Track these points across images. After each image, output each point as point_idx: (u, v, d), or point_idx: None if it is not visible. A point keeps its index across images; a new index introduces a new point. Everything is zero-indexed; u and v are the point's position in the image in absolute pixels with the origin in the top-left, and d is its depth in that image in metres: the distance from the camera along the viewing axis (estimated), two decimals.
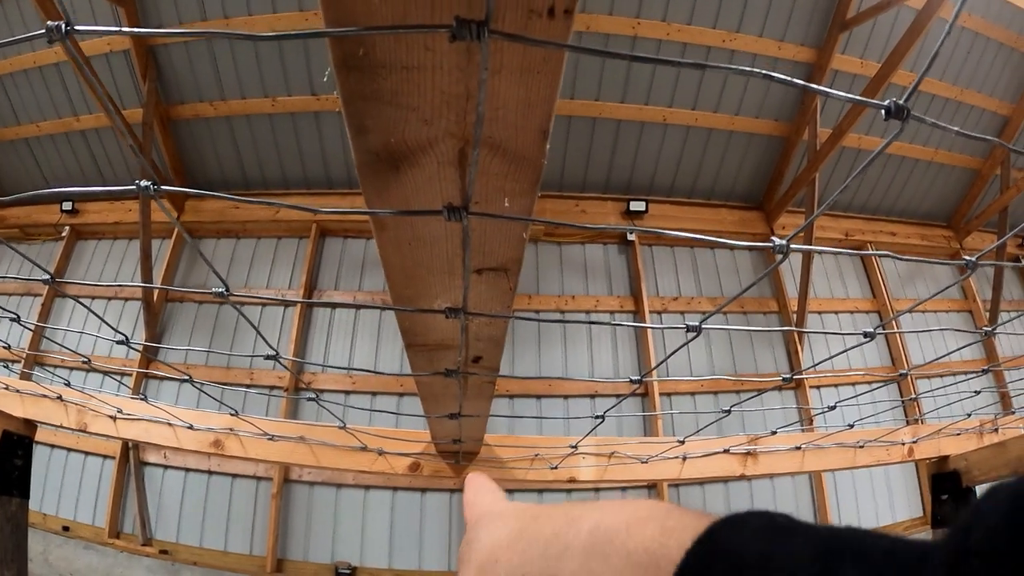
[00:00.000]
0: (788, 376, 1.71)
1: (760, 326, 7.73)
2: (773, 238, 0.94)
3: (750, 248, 1.10)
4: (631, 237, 7.60)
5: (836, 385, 7.24)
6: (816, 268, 7.68)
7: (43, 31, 0.65)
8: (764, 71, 0.61)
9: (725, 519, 0.30)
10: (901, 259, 1.18)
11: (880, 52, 6.81)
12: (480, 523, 0.51)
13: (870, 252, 1.10)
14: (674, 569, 0.29)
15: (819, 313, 7.70)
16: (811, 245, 6.61)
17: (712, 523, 0.30)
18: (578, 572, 0.36)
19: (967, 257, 1.18)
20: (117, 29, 0.64)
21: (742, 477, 3.08)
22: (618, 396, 6.77)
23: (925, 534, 6.91)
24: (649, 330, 7.06)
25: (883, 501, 6.96)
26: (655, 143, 7.45)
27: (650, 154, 7.54)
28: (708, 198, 7.99)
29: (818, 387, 7.23)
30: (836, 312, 7.85)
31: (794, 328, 7.18)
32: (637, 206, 7.56)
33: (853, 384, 7.17)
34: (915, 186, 8.39)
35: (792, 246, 0.94)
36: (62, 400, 2.91)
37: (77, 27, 0.65)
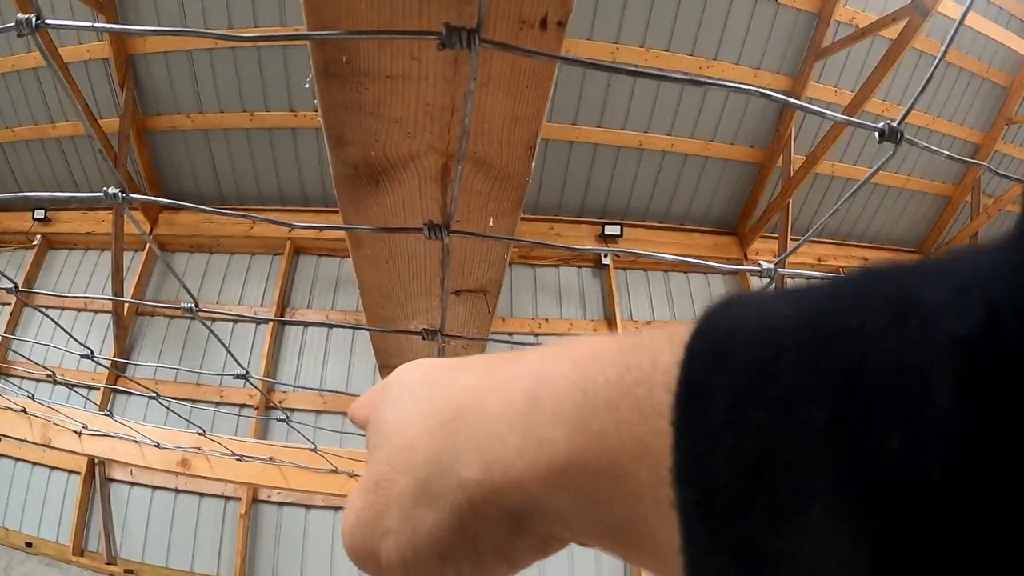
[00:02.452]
0: None
1: None
2: (761, 262, 0.93)
3: (736, 272, 1.09)
4: (605, 260, 7.62)
5: None
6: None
7: (12, 24, 0.62)
8: (761, 89, 0.59)
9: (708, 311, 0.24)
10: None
11: (854, 81, 6.91)
12: (384, 402, 0.41)
13: None
14: (673, 387, 0.23)
15: None
16: (790, 270, 6.66)
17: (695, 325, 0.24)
18: (524, 442, 0.29)
19: None
20: (90, 25, 0.62)
21: None
22: None
23: None
24: None
25: None
26: (631, 167, 7.48)
27: (626, 178, 7.58)
28: (682, 222, 8.03)
29: None
30: None
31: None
32: (612, 230, 7.58)
33: None
34: (887, 212, 8.49)
35: (779, 271, 0.93)
36: (26, 413, 2.84)
37: (48, 21, 0.62)
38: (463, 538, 0.32)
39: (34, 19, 0.63)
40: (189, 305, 1.13)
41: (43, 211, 7.62)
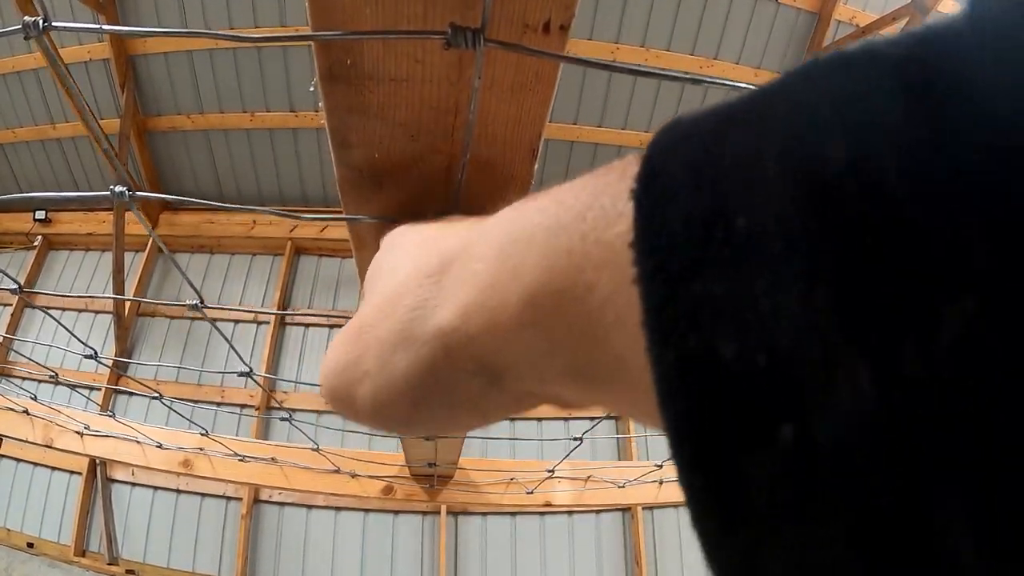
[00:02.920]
0: None
1: None
2: None
3: None
4: None
5: None
6: None
7: (19, 27, 0.62)
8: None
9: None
10: None
11: None
12: (380, 256, 0.42)
13: None
14: (631, 188, 0.22)
15: None
16: None
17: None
18: (497, 276, 0.27)
19: None
20: (96, 27, 0.62)
21: None
22: (593, 419, 6.76)
23: None
24: None
25: None
26: None
27: None
28: None
29: None
30: None
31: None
32: None
33: None
34: None
35: None
36: (28, 414, 2.85)
37: (55, 23, 0.63)
38: (436, 387, 0.32)
39: (41, 22, 0.63)
40: (195, 302, 1.14)
41: (44, 212, 7.62)
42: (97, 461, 6.28)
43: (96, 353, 1.65)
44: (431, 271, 0.33)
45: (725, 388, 0.18)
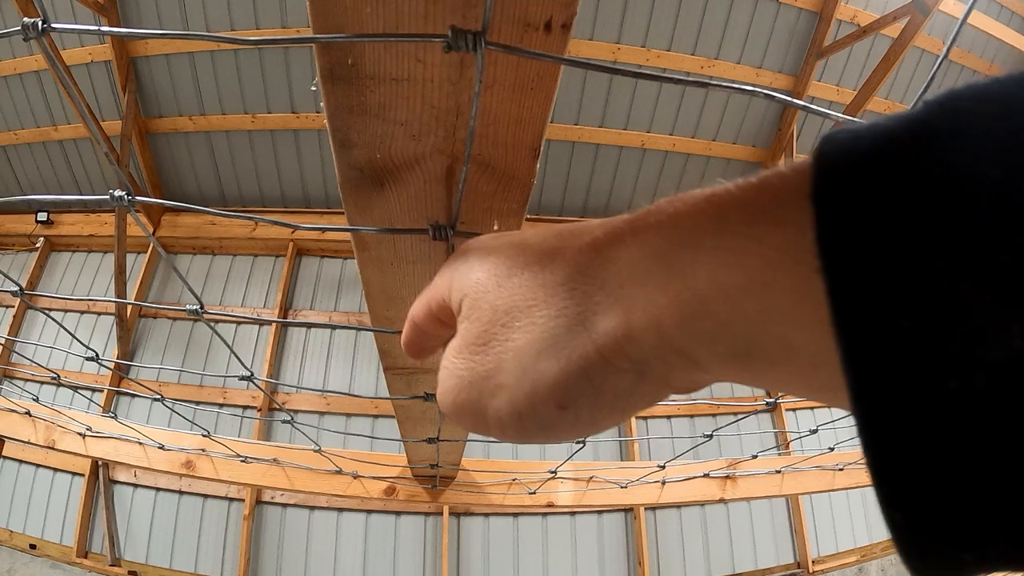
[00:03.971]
0: (772, 401, 1.69)
1: None
2: None
3: None
4: None
5: (812, 408, 7.27)
6: None
7: (18, 28, 0.62)
8: (764, 90, 0.59)
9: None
10: None
11: (856, 80, 6.92)
12: (470, 267, 0.42)
13: None
14: (808, 188, 0.25)
15: None
16: None
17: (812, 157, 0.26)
18: (666, 277, 0.30)
19: None
20: (95, 28, 0.62)
21: (720, 501, 3.07)
22: None
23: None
24: None
25: (860, 523, 6.98)
26: (633, 168, 7.49)
27: (628, 178, 7.58)
28: None
29: (794, 409, 7.25)
30: None
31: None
32: None
33: (829, 406, 7.19)
34: None
35: None
36: (30, 415, 2.85)
37: (55, 25, 0.63)
38: (587, 387, 0.34)
39: (40, 23, 0.63)
40: (195, 307, 1.14)
41: (46, 213, 7.62)
42: (99, 463, 6.29)
43: (98, 355, 1.64)
44: (563, 279, 0.35)
45: (927, 403, 0.21)
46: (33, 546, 6.44)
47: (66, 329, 1.57)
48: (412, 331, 0.48)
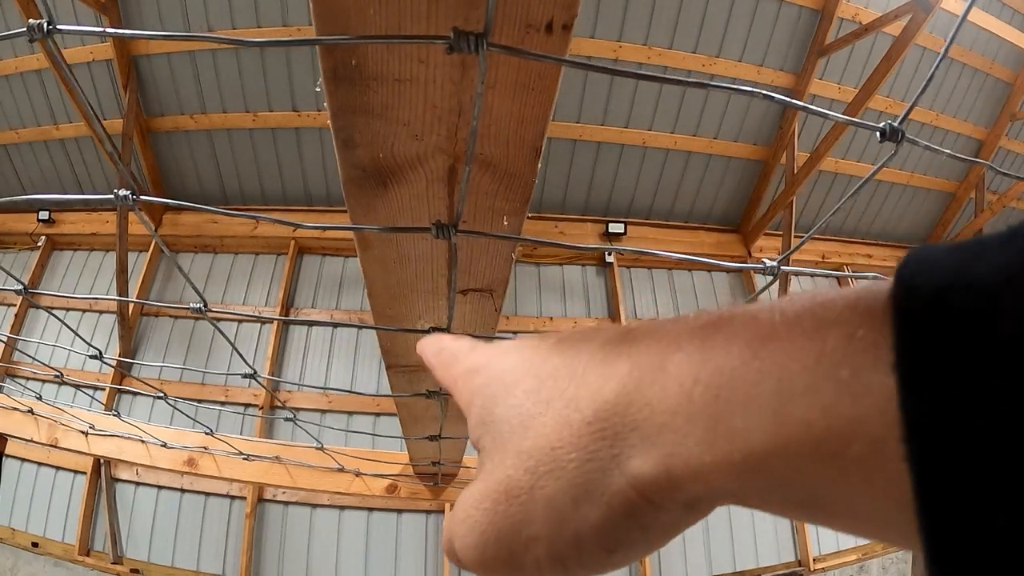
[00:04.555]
0: None
1: None
2: (764, 259, 0.93)
3: (740, 269, 1.09)
4: (609, 259, 7.62)
5: None
6: (793, 290, 7.71)
7: (24, 29, 0.63)
8: (764, 91, 0.60)
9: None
10: (886, 280, 1.17)
11: (857, 78, 6.91)
12: (486, 397, 0.40)
13: (856, 274, 1.09)
14: (888, 306, 0.23)
15: None
16: (793, 268, 6.68)
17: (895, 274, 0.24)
18: (711, 434, 0.28)
19: None
20: (101, 29, 0.62)
21: None
22: None
23: (903, 553, 6.95)
24: None
25: None
26: (634, 166, 7.48)
27: (629, 176, 7.58)
28: (686, 220, 8.03)
29: None
30: None
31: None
32: (616, 228, 7.57)
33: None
34: (891, 209, 8.49)
35: (782, 268, 0.93)
36: (33, 414, 2.85)
37: (60, 26, 0.63)
38: (634, 528, 0.32)
39: (46, 24, 0.63)
40: (198, 305, 1.14)
41: (47, 212, 7.64)
42: (101, 461, 6.30)
43: (100, 353, 1.65)
44: (591, 417, 0.32)
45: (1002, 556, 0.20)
46: (35, 544, 6.45)
47: (69, 327, 1.58)
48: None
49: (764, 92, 0.60)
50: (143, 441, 2.84)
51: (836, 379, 0.24)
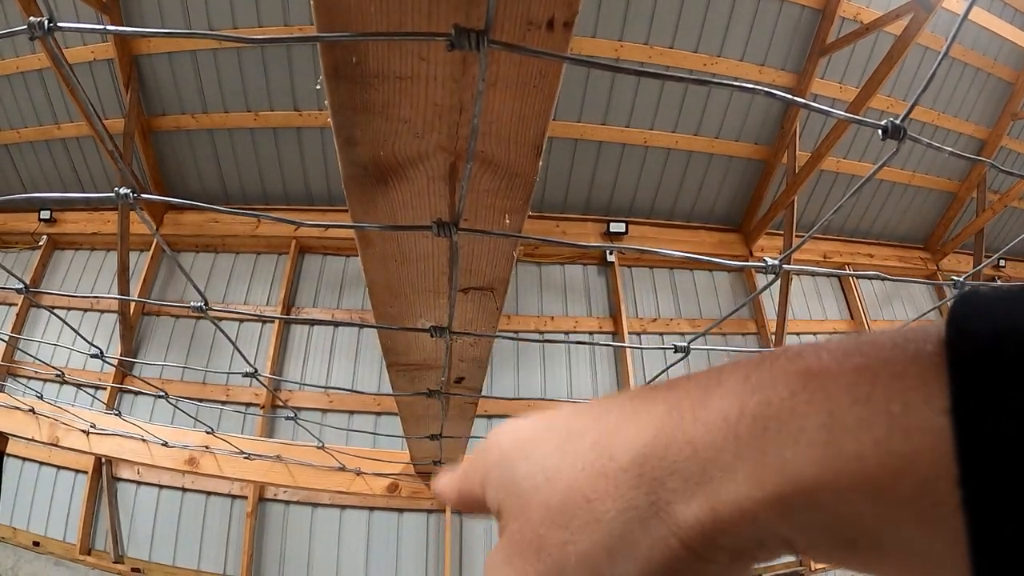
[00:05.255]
0: None
1: (739, 347, 7.75)
2: (765, 258, 0.93)
3: (742, 268, 1.09)
4: (611, 258, 7.62)
5: None
6: (794, 289, 7.73)
7: (24, 27, 0.62)
8: (765, 88, 0.60)
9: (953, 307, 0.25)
10: (888, 279, 1.18)
11: (859, 77, 6.91)
12: (502, 462, 0.38)
13: (857, 273, 1.09)
14: (942, 351, 0.23)
15: (797, 334, 7.73)
16: (795, 266, 6.69)
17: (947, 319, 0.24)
18: (760, 468, 0.27)
19: (955, 278, 1.17)
20: (101, 27, 0.62)
21: None
22: None
23: None
24: (628, 351, 7.07)
25: None
26: (636, 165, 7.48)
27: (631, 176, 7.58)
28: (687, 220, 8.03)
29: None
30: (814, 333, 7.89)
31: (773, 349, 7.22)
32: (617, 227, 7.57)
33: None
34: (892, 208, 8.49)
35: (784, 267, 0.93)
36: (34, 413, 2.85)
37: (60, 24, 0.63)
38: None
39: (46, 22, 0.63)
40: (199, 304, 1.14)
41: (49, 212, 7.64)
42: (103, 460, 6.30)
43: (102, 352, 1.65)
44: (626, 465, 0.31)
45: None
46: (36, 543, 6.45)
47: (70, 326, 1.58)
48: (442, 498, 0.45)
49: (766, 89, 0.60)
50: (144, 440, 2.84)
51: (888, 414, 0.24)
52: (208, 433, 2.74)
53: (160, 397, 2.05)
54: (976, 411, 0.22)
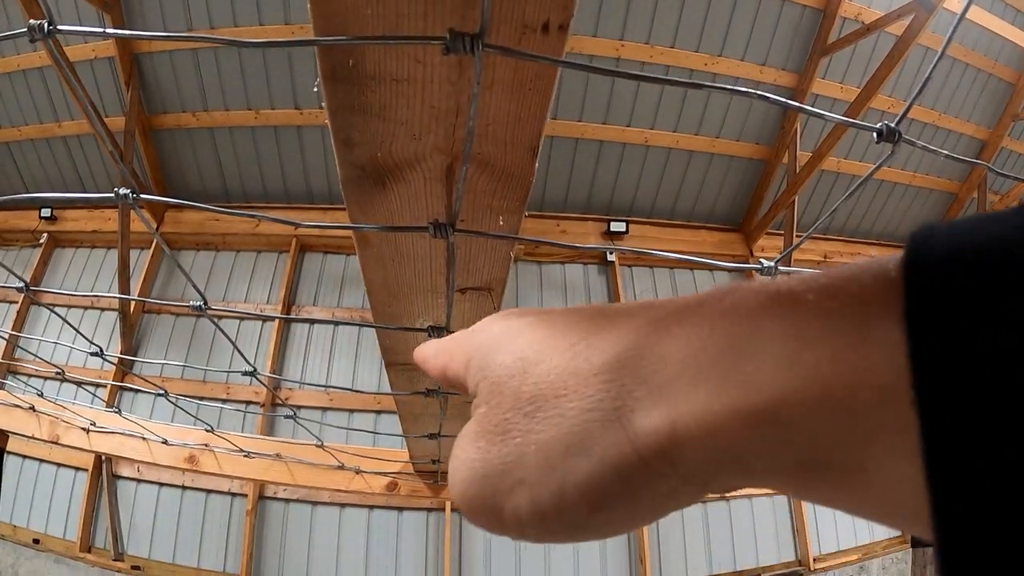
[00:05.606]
0: None
1: None
2: (761, 260, 0.94)
3: (738, 270, 1.10)
4: (611, 257, 7.62)
5: None
6: None
7: (24, 30, 0.63)
8: (760, 92, 0.60)
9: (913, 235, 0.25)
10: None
11: (860, 77, 6.91)
12: (487, 345, 0.38)
13: None
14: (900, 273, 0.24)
15: None
16: (793, 267, 6.67)
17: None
18: (723, 383, 0.27)
19: None
20: (101, 30, 0.62)
21: (722, 498, 3.07)
22: None
23: (903, 553, 6.96)
24: None
25: (862, 521, 6.96)
26: (636, 164, 7.48)
27: (631, 175, 7.58)
28: (688, 220, 8.03)
29: None
30: None
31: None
32: (618, 227, 7.57)
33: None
34: (893, 209, 8.49)
35: (780, 268, 0.93)
36: (35, 411, 2.86)
37: (60, 27, 0.63)
38: (623, 490, 0.30)
39: (46, 25, 0.64)
40: (198, 303, 1.14)
41: (49, 210, 7.64)
42: (103, 458, 6.31)
43: (102, 350, 1.65)
44: (598, 369, 0.32)
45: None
46: (37, 541, 6.47)
47: (70, 324, 1.58)
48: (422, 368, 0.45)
49: (760, 93, 0.60)
50: (144, 438, 2.84)
51: (848, 329, 0.25)
52: (208, 431, 2.75)
53: (160, 395, 2.06)
54: (927, 315, 0.22)
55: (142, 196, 0.85)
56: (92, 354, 1.67)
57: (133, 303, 7.00)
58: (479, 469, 0.35)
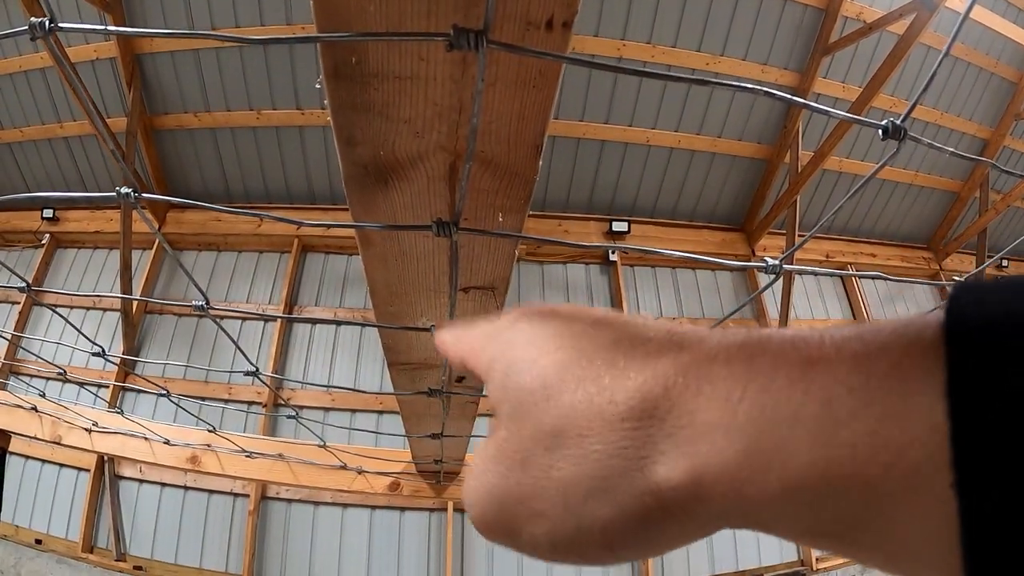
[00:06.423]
0: None
1: None
2: (766, 258, 0.93)
3: (743, 268, 1.09)
4: (613, 257, 7.62)
5: None
6: (796, 289, 7.72)
7: (25, 28, 0.62)
8: (765, 88, 0.60)
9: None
10: (888, 279, 1.17)
11: (862, 76, 6.90)
12: (514, 360, 0.37)
13: (857, 274, 1.09)
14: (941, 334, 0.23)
15: None
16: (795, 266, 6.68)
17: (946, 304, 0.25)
18: (749, 450, 0.27)
19: (957, 278, 1.17)
20: (103, 28, 0.62)
21: None
22: None
23: None
24: None
25: None
26: (638, 164, 7.48)
27: (633, 175, 7.57)
28: (690, 219, 8.03)
29: None
30: None
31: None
32: (619, 226, 7.56)
33: None
34: (895, 208, 8.48)
35: (784, 267, 0.93)
36: (37, 411, 2.86)
37: (61, 24, 0.63)
38: (641, 535, 0.31)
39: (47, 23, 0.63)
40: (201, 303, 1.14)
41: (51, 210, 7.65)
42: (105, 458, 6.31)
43: (104, 351, 1.65)
44: (625, 415, 0.31)
45: None
46: (39, 541, 6.47)
47: (72, 325, 1.58)
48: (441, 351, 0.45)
49: (765, 89, 0.60)
50: (146, 438, 2.84)
51: (883, 403, 0.24)
52: (210, 431, 2.75)
53: (162, 395, 2.06)
54: (971, 391, 0.21)
55: (144, 195, 0.85)
56: (94, 354, 1.67)
57: (135, 303, 7.00)
58: (497, 494, 0.35)
